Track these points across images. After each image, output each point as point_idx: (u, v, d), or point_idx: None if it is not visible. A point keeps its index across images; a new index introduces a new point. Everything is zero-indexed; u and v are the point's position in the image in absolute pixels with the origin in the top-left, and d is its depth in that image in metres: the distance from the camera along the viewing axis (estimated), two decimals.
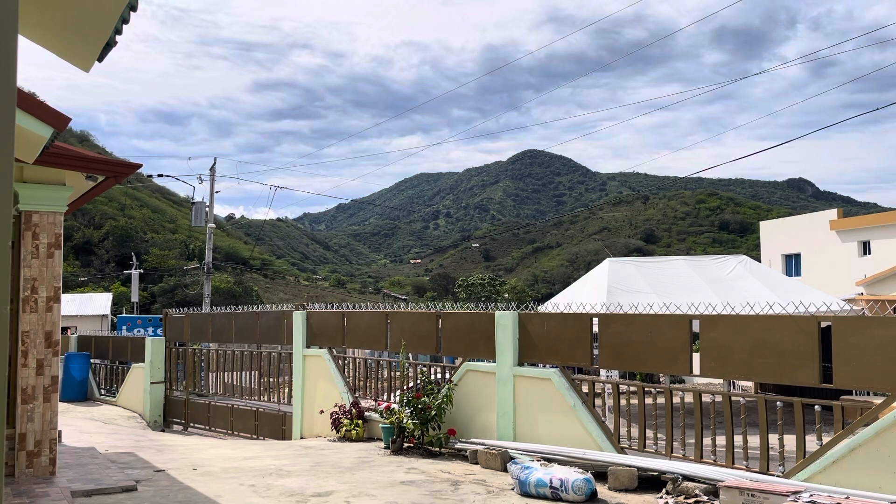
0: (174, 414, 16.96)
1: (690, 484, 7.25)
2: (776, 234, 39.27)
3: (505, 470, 8.51)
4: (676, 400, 8.45)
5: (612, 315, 9.12)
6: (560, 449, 8.72)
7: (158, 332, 22.98)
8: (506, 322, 9.91)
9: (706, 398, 8.93)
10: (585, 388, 9.32)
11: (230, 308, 16.63)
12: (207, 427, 15.81)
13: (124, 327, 29.02)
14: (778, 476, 7.14)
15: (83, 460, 9.07)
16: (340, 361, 13.05)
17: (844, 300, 17.82)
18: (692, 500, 6.94)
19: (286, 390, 14.50)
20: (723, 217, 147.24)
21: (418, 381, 10.90)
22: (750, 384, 18.54)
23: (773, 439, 7.66)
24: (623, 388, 9.48)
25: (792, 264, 37.55)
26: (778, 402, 7.74)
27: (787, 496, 6.12)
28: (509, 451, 8.95)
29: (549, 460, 8.34)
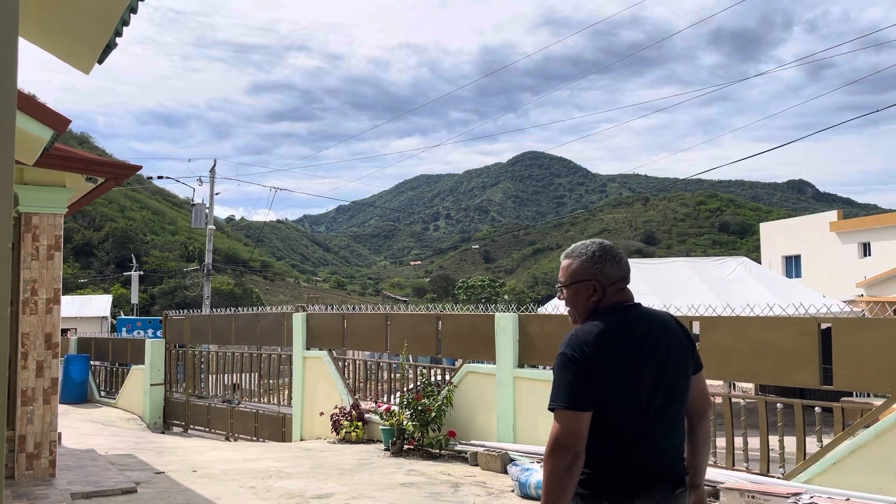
0: (174, 416, 16.95)
1: None
2: (776, 235, 39.24)
3: (505, 472, 8.50)
4: None
5: None
6: None
7: (158, 333, 22.93)
8: (506, 324, 9.90)
9: None
10: None
11: (230, 310, 16.63)
12: (207, 429, 15.80)
13: (124, 329, 28.99)
14: (778, 478, 7.13)
15: (83, 462, 9.06)
16: (340, 363, 13.05)
17: (845, 302, 17.80)
18: None
19: (286, 392, 14.49)
20: (723, 219, 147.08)
21: (418, 383, 10.89)
22: (750, 386, 18.52)
23: (774, 441, 7.64)
24: None
25: (792, 266, 37.52)
26: (778, 404, 7.73)
27: (788, 498, 6.11)
28: (509, 452, 8.94)
29: None
